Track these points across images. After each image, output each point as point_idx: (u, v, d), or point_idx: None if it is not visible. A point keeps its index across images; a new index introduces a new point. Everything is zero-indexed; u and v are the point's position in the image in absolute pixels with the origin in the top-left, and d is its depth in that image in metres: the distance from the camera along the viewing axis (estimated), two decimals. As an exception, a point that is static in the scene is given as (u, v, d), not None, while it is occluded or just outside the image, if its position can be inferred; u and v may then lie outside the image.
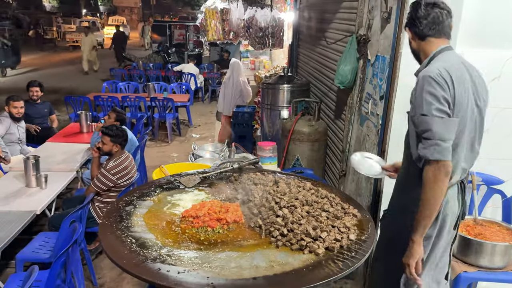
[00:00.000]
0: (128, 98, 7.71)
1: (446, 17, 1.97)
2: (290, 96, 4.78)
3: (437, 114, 1.80)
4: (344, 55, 3.72)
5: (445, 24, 1.98)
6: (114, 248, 1.57)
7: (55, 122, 6.38)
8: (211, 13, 6.10)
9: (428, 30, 1.97)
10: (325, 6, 4.86)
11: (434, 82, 1.83)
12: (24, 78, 13.10)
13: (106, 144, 3.82)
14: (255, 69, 8.59)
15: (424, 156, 1.82)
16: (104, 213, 1.87)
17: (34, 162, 3.99)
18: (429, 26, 1.96)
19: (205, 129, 8.63)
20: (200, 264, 1.51)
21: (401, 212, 2.06)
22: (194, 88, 10.57)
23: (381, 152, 3.09)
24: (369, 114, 3.40)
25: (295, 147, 4.28)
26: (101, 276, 3.95)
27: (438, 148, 1.78)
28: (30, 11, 29.61)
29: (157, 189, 2.17)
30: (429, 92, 1.83)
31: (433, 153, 1.79)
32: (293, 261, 1.57)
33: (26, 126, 5.43)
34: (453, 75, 1.85)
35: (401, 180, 2.21)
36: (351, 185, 3.85)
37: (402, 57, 2.81)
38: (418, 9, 1.97)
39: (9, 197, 3.81)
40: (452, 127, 1.82)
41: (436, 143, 1.79)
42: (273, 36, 6.13)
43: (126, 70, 11.96)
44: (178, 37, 17.80)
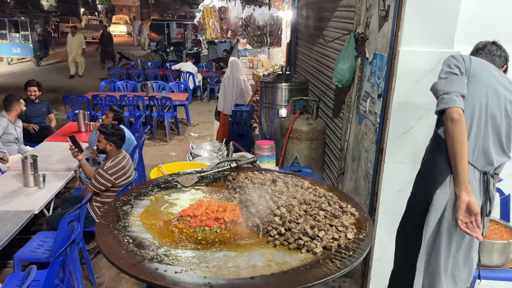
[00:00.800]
0: (126, 97, 7.70)
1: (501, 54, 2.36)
2: (289, 95, 4.77)
3: (442, 76, 2.09)
4: (342, 54, 3.72)
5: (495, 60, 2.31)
6: (111, 248, 1.57)
7: (53, 121, 6.38)
8: (209, 12, 6.09)
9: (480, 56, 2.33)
10: (323, 4, 4.85)
11: (452, 57, 2.14)
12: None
13: (101, 142, 3.83)
14: (254, 68, 8.58)
15: (436, 113, 2.07)
16: (101, 212, 1.86)
17: (32, 161, 3.99)
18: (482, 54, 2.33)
19: (204, 128, 8.63)
20: (198, 263, 1.51)
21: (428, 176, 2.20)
22: (193, 87, 10.56)
23: (379, 150, 3.08)
24: (367, 113, 3.39)
25: (294, 146, 4.28)
26: (100, 275, 3.95)
27: (443, 100, 1.99)
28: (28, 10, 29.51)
29: (154, 189, 2.17)
30: (445, 64, 2.14)
31: (439, 105, 2.01)
32: (290, 260, 1.56)
33: (24, 126, 5.42)
34: (472, 59, 2.13)
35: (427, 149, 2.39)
36: (349, 184, 3.85)
37: (400, 55, 2.81)
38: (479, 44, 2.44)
39: (7, 196, 3.81)
40: (457, 82, 2.03)
41: (442, 97, 2.00)
42: (271, 35, 6.12)
43: (124, 69, 11.94)
44: (176, 36, 17.81)
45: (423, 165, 2.36)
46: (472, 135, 2.09)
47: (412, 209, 2.39)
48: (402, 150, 2.99)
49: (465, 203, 1.93)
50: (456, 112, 1.93)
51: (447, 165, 2.07)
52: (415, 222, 2.27)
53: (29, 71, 15.41)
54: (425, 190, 2.20)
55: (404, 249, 2.45)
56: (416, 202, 2.33)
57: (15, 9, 28.79)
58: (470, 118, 2.08)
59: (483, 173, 2.14)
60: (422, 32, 2.79)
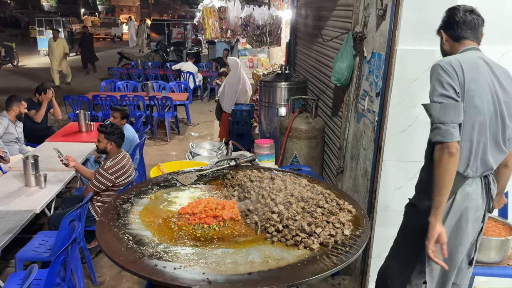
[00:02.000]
0: (126, 97, 7.73)
1: (481, 24, 2.13)
2: (288, 94, 4.79)
3: (436, 99, 1.93)
4: (340, 53, 3.74)
5: (478, 30, 2.13)
6: (111, 245, 1.59)
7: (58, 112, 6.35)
8: (209, 12, 6.12)
9: (464, 33, 2.12)
10: (322, 4, 4.87)
11: (442, 69, 1.95)
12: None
13: (101, 141, 3.85)
14: (253, 67, 8.60)
15: (430, 140, 1.99)
16: (102, 211, 1.88)
17: (33, 161, 4.01)
18: (465, 30, 2.11)
19: (204, 127, 8.65)
20: (196, 260, 1.53)
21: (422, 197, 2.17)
22: (193, 87, 10.58)
23: (377, 148, 3.11)
24: (366, 111, 3.41)
25: (293, 145, 4.30)
26: (101, 274, 3.98)
27: (439, 131, 1.89)
28: (28, 10, 29.57)
29: (154, 187, 2.19)
30: (435, 79, 1.97)
31: (435, 135, 1.91)
32: (288, 256, 1.58)
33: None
34: (463, 64, 1.96)
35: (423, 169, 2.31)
36: (348, 182, 3.87)
37: (397, 54, 2.83)
38: (456, 14, 2.12)
39: (9, 196, 3.83)
40: (453, 110, 1.91)
41: (437, 127, 1.90)
42: (270, 34, 6.14)
43: (124, 69, 11.97)
44: (176, 36, 17.83)
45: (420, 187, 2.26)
46: (474, 151, 2.02)
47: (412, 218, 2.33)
48: (400, 148, 3.01)
49: (437, 233, 1.93)
50: (454, 147, 1.87)
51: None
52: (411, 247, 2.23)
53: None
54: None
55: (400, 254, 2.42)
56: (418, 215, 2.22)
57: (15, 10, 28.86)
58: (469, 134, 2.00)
59: (484, 176, 2.13)
60: (420, 31, 2.80)
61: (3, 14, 26.79)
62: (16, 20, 25.73)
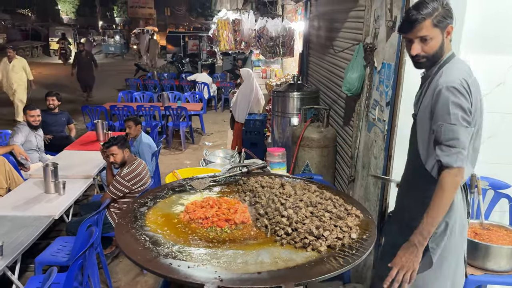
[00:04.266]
0: (143, 107, 7.91)
1: None
2: (300, 104, 4.87)
3: (464, 124, 1.86)
4: (351, 63, 3.81)
5: None
6: (129, 245, 1.68)
7: (73, 131, 6.58)
8: (223, 24, 6.27)
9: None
10: (334, 16, 4.97)
11: (459, 92, 1.87)
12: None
13: (117, 153, 3.94)
14: (267, 78, 8.72)
15: (447, 163, 1.85)
16: (120, 213, 1.98)
17: (53, 169, 4.15)
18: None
19: (218, 137, 8.77)
20: (209, 260, 1.61)
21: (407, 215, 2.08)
22: (208, 97, 10.75)
23: (387, 157, 3.15)
24: (376, 120, 3.47)
25: (305, 153, 4.37)
26: (116, 280, 4.06)
27: (461, 156, 1.84)
28: (48, 23, 30.41)
29: (169, 192, 2.29)
30: (455, 102, 1.87)
31: (457, 160, 1.83)
32: (296, 257, 1.65)
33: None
34: (470, 84, 1.91)
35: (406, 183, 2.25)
36: (359, 190, 3.91)
37: (406, 64, 2.89)
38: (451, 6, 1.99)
39: (29, 202, 3.96)
40: (470, 136, 1.89)
41: (460, 152, 1.84)
42: (283, 45, 6.25)
43: (141, 80, 12.23)
44: (192, 48, 18.12)
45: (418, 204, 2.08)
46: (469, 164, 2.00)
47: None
48: (409, 157, 3.04)
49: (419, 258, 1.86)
50: (461, 173, 1.86)
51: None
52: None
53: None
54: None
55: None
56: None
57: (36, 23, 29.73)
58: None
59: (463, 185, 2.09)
60: (428, 41, 2.85)
61: (24, 27, 27.64)
62: (37, 32, 26.52)
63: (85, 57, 12.13)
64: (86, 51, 12.41)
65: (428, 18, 1.94)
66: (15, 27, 27.86)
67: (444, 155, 1.87)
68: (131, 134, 5.23)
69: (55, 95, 6.11)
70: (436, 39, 1.97)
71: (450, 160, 1.85)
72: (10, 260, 3.04)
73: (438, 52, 2.02)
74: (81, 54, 12.18)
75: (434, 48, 1.99)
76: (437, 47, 1.99)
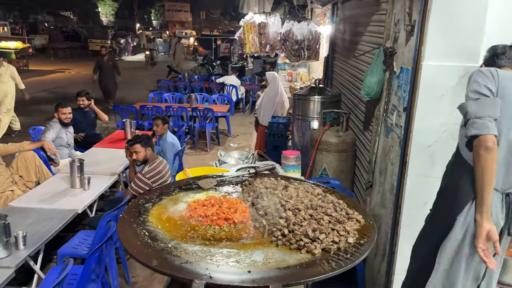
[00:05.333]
0: (171, 108, 8.09)
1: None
2: (321, 107, 4.86)
3: (472, 96, 1.99)
4: (371, 67, 3.77)
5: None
6: (128, 239, 1.75)
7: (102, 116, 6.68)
8: (249, 27, 6.32)
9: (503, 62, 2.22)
10: (358, 19, 4.92)
11: (481, 73, 2.05)
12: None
13: (140, 151, 4.06)
14: (292, 81, 8.72)
15: (466, 136, 1.98)
16: (126, 208, 2.06)
17: (79, 165, 4.32)
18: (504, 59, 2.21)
19: (243, 139, 8.85)
20: (203, 257, 1.65)
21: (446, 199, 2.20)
22: (236, 99, 10.86)
23: (403, 163, 3.10)
24: (394, 126, 3.41)
25: (322, 157, 4.34)
26: (135, 275, 4.18)
27: (475, 125, 1.90)
28: (88, 25, 31.62)
29: (176, 189, 2.35)
30: (472, 80, 2.05)
31: (471, 130, 1.92)
32: (289, 259, 1.67)
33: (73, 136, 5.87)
34: (500, 73, 2.03)
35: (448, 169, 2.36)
36: (376, 197, 3.85)
37: (423, 69, 2.83)
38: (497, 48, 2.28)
39: (55, 196, 4.14)
40: (489, 105, 1.94)
41: (473, 121, 1.92)
42: (309, 49, 6.24)
43: (172, 81, 12.50)
44: (224, 50, 18.35)
45: (445, 187, 2.31)
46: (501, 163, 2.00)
47: (431, 230, 2.34)
48: (425, 164, 2.99)
49: (486, 231, 1.90)
50: (491, 140, 1.86)
51: (471, 191, 2.02)
52: (433, 243, 2.23)
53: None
54: (447, 214, 2.16)
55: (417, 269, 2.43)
56: (436, 224, 2.28)
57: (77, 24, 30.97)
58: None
59: (506, 194, 2.08)
60: (446, 46, 2.80)
61: (66, 28, 28.85)
62: (77, 34, 27.62)
63: (107, 63, 11.03)
64: (109, 57, 11.22)
65: None
66: (57, 28, 29.13)
67: (465, 130, 1.99)
68: (157, 132, 5.43)
69: (85, 95, 6.37)
70: None
71: (467, 132, 1.97)
72: (33, 250, 3.20)
73: None
74: (103, 60, 11.04)
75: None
76: None
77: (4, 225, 2.95)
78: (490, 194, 1.90)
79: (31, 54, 21.45)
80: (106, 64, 10.99)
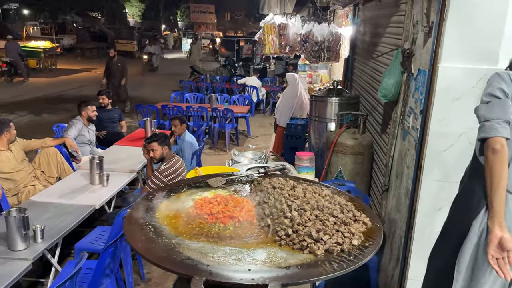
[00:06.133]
0: (191, 108, 8.18)
1: None
2: (338, 109, 4.82)
3: (485, 99, 1.97)
4: (389, 69, 3.72)
5: None
6: (133, 234, 1.78)
7: (124, 127, 6.97)
8: (269, 28, 6.34)
9: None
10: (378, 21, 4.87)
11: (498, 75, 2.00)
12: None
13: (156, 149, 4.13)
14: (312, 83, 8.68)
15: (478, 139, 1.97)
16: (134, 204, 2.10)
17: (98, 162, 4.42)
18: None
19: (262, 140, 8.86)
20: (205, 254, 1.67)
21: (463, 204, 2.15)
22: (256, 101, 10.89)
23: (418, 167, 3.04)
24: (410, 129, 3.36)
25: (338, 160, 4.31)
26: (150, 271, 4.24)
27: (483, 128, 1.90)
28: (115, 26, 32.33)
29: (185, 187, 2.38)
30: (489, 83, 2.01)
31: (479, 133, 1.92)
32: (291, 259, 1.66)
33: (96, 134, 6.04)
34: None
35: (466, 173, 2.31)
36: (392, 201, 3.79)
37: (439, 72, 2.78)
38: None
39: (74, 192, 4.25)
40: (499, 107, 1.89)
41: (482, 124, 1.91)
42: (328, 50, 6.20)
43: (194, 82, 12.65)
44: (246, 52, 18.45)
45: (462, 191, 2.26)
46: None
47: (447, 235, 2.29)
48: (440, 168, 2.93)
49: (497, 238, 1.82)
50: (498, 142, 1.82)
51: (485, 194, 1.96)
52: (449, 250, 2.18)
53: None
54: (462, 218, 2.11)
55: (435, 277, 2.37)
56: (452, 229, 2.23)
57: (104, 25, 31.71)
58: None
59: None
60: (464, 48, 2.74)
61: (93, 28, 29.56)
62: (104, 34, 28.26)
63: (115, 65, 10.27)
64: (119, 58, 10.46)
65: None
66: (85, 28, 29.89)
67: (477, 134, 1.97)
68: (176, 132, 5.51)
69: (105, 93, 6.56)
70: None
71: (477, 137, 1.96)
72: (50, 243, 3.29)
73: None
74: (112, 61, 10.28)
75: None
76: None
77: (23, 218, 3.05)
78: (500, 198, 1.83)
79: (59, 54, 22.07)
80: (115, 66, 10.33)
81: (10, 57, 15.34)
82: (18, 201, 4.36)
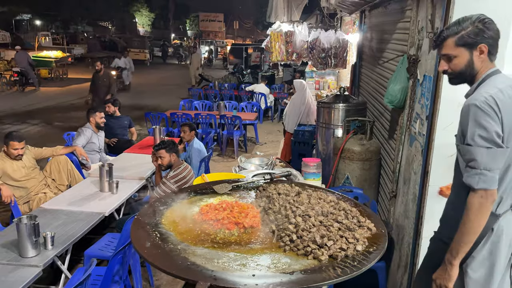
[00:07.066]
0: (200, 115, 8.24)
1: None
2: (345, 115, 4.82)
3: (481, 144, 1.78)
4: (394, 75, 3.73)
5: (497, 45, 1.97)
6: (139, 240, 1.81)
7: (135, 135, 7.04)
8: (276, 36, 6.39)
9: (494, 49, 1.97)
10: (384, 27, 4.88)
11: (480, 110, 1.79)
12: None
13: (164, 157, 4.18)
14: (319, 89, 8.70)
15: (469, 185, 1.82)
16: (141, 210, 2.13)
17: (108, 169, 4.47)
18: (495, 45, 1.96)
19: (271, 146, 8.88)
20: (210, 259, 1.69)
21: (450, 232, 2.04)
22: (264, 107, 10.92)
23: (424, 173, 3.04)
24: (417, 134, 3.36)
25: (345, 166, 4.30)
26: (159, 278, 4.26)
27: (484, 177, 1.78)
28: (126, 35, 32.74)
29: (191, 193, 2.40)
30: (474, 121, 1.80)
31: (478, 182, 1.79)
32: (295, 264, 1.67)
33: (105, 141, 6.11)
34: (500, 101, 1.81)
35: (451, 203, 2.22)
36: (400, 207, 3.78)
37: (445, 77, 2.78)
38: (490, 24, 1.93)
39: (84, 199, 4.30)
40: (500, 157, 1.80)
41: (481, 173, 1.79)
42: (335, 57, 6.22)
43: (202, 89, 12.74)
44: (255, 59, 18.55)
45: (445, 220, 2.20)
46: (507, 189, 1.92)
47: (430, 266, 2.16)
48: (447, 173, 2.90)
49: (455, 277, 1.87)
50: (495, 196, 1.81)
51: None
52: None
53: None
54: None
55: None
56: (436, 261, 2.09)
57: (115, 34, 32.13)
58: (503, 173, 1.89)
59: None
60: (469, 53, 2.73)
61: (104, 38, 29.98)
62: (114, 43, 28.63)
63: (101, 79, 8.94)
64: (105, 72, 9.08)
65: (451, 37, 1.95)
66: (96, 38, 30.31)
67: (466, 176, 1.84)
68: (184, 139, 5.55)
69: (110, 102, 6.66)
70: (461, 58, 1.96)
71: (471, 182, 1.81)
72: (60, 250, 3.33)
73: (467, 70, 1.99)
74: (97, 75, 8.96)
75: (459, 66, 1.99)
76: (463, 65, 1.97)
77: (33, 225, 3.10)
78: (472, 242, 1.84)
79: (70, 63, 22.40)
80: (100, 81, 8.94)
81: (20, 66, 15.63)
82: (29, 208, 4.42)
